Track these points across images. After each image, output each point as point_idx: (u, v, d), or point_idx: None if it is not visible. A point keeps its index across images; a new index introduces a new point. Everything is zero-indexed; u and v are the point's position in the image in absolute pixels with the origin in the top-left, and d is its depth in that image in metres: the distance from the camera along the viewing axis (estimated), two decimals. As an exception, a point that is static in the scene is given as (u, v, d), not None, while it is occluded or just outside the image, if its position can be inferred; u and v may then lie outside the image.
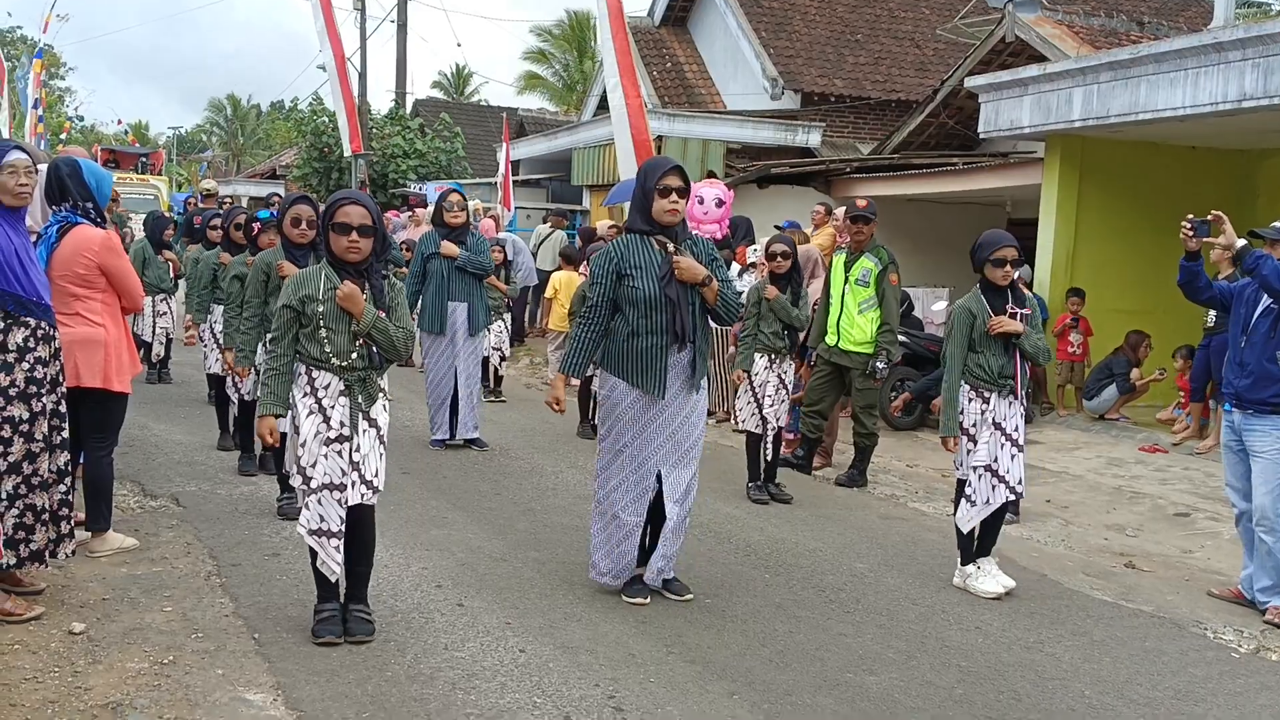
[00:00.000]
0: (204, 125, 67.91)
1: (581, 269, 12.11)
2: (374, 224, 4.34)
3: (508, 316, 11.82)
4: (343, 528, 4.36)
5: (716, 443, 9.64)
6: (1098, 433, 10.48)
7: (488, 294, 8.89)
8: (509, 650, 4.47)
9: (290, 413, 4.37)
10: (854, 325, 7.99)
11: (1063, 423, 10.82)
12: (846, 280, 8.04)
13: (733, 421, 7.71)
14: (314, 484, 4.31)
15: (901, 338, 8.97)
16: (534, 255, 15.16)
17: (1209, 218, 5.72)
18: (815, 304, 8.43)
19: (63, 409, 4.72)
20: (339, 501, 4.33)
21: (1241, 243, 5.68)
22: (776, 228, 11.00)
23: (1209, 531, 7.24)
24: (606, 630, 4.77)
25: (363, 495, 4.38)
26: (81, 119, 51.77)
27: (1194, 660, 4.91)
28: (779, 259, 7.45)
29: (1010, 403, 5.61)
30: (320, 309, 4.30)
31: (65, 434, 4.73)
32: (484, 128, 30.78)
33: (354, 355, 4.34)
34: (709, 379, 10.50)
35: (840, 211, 10.48)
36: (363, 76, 24.38)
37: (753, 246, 10.83)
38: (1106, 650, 4.95)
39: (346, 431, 4.33)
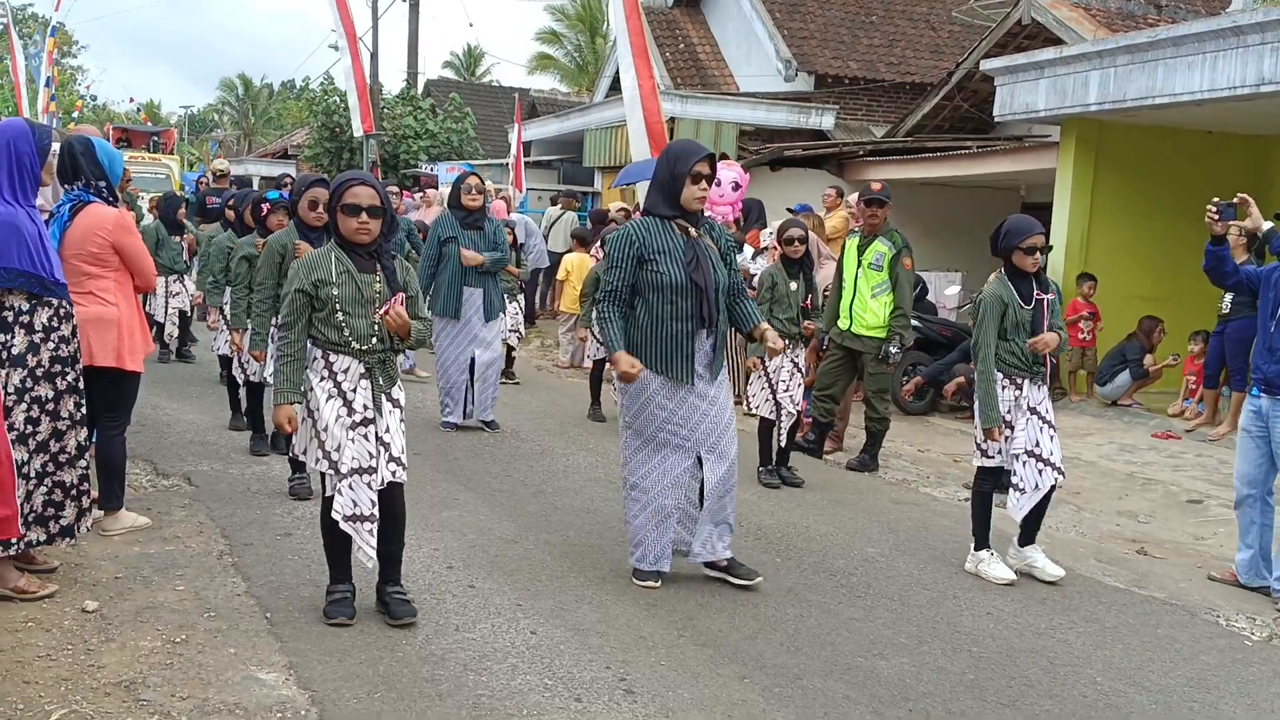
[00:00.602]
0: (215, 105, 67.90)
1: (593, 251, 12.10)
2: (382, 204, 4.32)
3: (521, 299, 11.81)
4: (375, 511, 4.32)
5: (727, 426, 9.63)
6: (1110, 419, 10.45)
7: (501, 278, 8.85)
8: (520, 632, 4.47)
9: (309, 397, 4.33)
10: (867, 309, 7.96)
11: (1075, 408, 10.78)
12: (860, 264, 8.01)
13: (745, 406, 7.71)
14: (343, 469, 4.27)
15: (914, 322, 8.95)
16: (545, 237, 15.14)
17: (1235, 201, 5.68)
18: (826, 290, 8.40)
19: (81, 385, 4.74)
20: (369, 485, 4.30)
21: (1268, 225, 5.64)
22: (789, 211, 10.96)
23: (1221, 519, 7.21)
24: (618, 613, 4.78)
25: (393, 473, 4.36)
26: (94, 98, 51.77)
27: (1206, 648, 4.90)
28: (795, 243, 7.41)
29: (1040, 386, 5.61)
30: (335, 292, 4.26)
31: (85, 410, 4.76)
32: (495, 108, 30.69)
33: (373, 339, 4.31)
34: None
35: (854, 196, 10.44)
36: (375, 57, 24.32)
37: (765, 230, 10.80)
38: (1118, 637, 4.94)
39: (370, 414, 4.31)
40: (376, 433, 4.31)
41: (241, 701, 3.72)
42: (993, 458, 5.63)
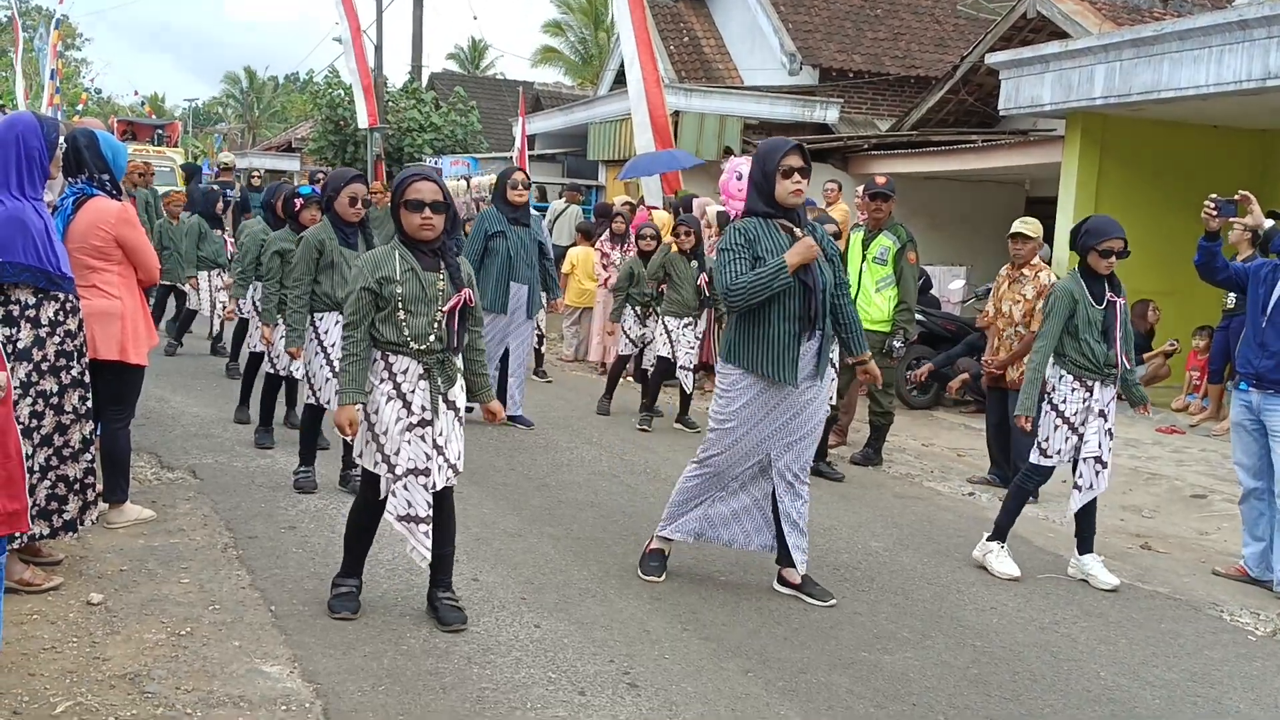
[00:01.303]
0: (220, 98, 67.92)
1: (597, 244, 12.10)
2: (445, 200, 4.24)
3: (543, 295, 11.79)
4: (431, 512, 4.29)
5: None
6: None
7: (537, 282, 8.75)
8: (524, 625, 4.48)
9: (368, 398, 4.28)
10: (871, 304, 7.95)
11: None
12: (864, 258, 8.00)
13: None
14: (399, 470, 4.23)
15: (919, 316, 8.94)
16: (549, 231, 15.12)
17: (1236, 197, 5.67)
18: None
19: (86, 379, 4.75)
20: (425, 486, 4.26)
21: (1270, 223, 5.63)
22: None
23: (1225, 513, 7.20)
24: (622, 607, 4.78)
25: (447, 478, 4.32)
26: (99, 91, 51.81)
27: (1210, 642, 4.90)
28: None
29: (1110, 387, 5.56)
30: (398, 291, 4.19)
31: (90, 403, 4.77)
32: (500, 101, 30.67)
33: (432, 338, 4.23)
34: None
35: (859, 189, 10.44)
36: (379, 50, 24.32)
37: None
38: (1122, 631, 4.94)
39: (428, 415, 4.25)
40: (433, 435, 4.26)
41: (246, 694, 3.73)
42: (1051, 458, 5.55)
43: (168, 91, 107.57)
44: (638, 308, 9.30)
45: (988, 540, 5.70)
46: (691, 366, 8.94)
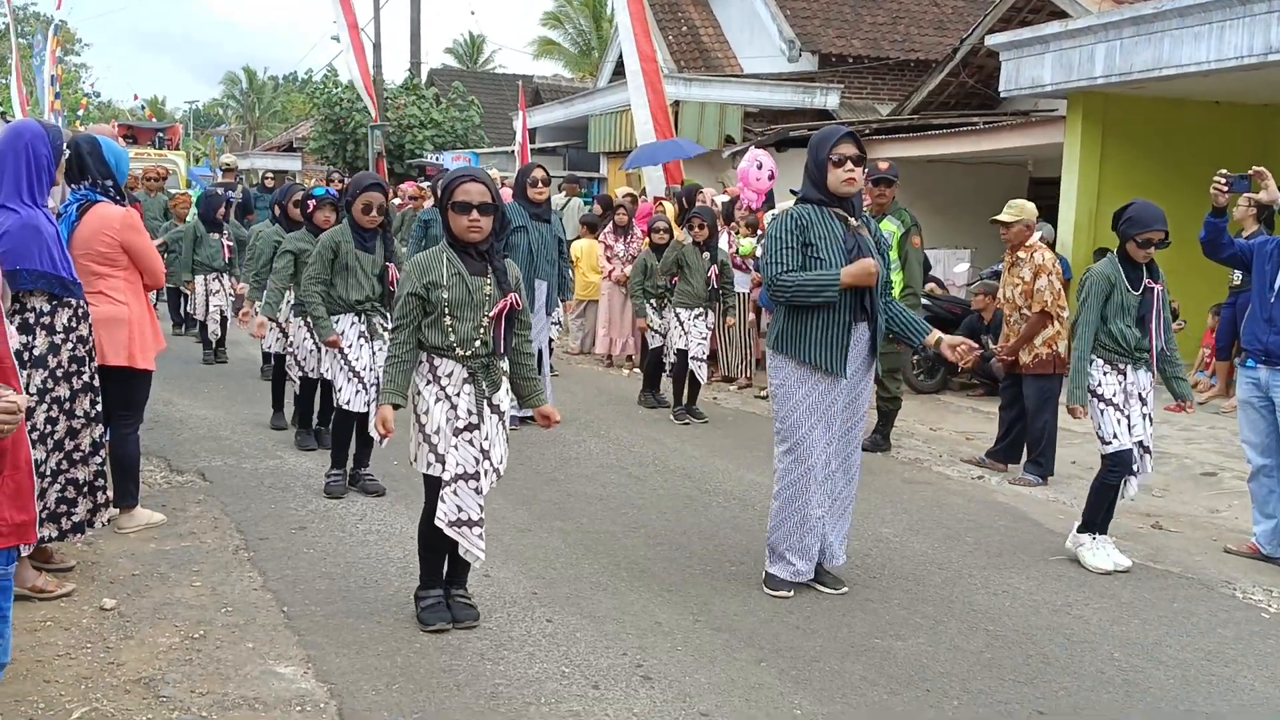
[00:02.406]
0: (220, 99, 67.93)
1: (601, 235, 12.09)
2: (494, 201, 4.16)
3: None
4: (483, 515, 4.26)
5: (738, 409, 9.63)
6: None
7: (555, 277, 8.66)
8: (536, 620, 4.49)
9: (418, 400, 4.24)
10: (876, 289, 7.92)
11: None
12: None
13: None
14: (448, 475, 4.18)
15: (924, 300, 8.92)
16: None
17: (1250, 173, 5.63)
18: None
19: (96, 382, 4.78)
20: (475, 490, 4.21)
21: None
22: (792, 192, 10.93)
23: (1236, 490, 7.18)
24: (633, 599, 4.78)
25: (492, 483, 4.29)
26: (99, 95, 51.84)
27: (1223, 621, 4.89)
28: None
29: (1144, 371, 5.48)
30: (445, 295, 4.13)
31: (100, 407, 4.78)
32: (500, 96, 30.66)
33: (478, 343, 4.18)
34: (730, 344, 10.51)
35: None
36: (377, 47, 24.29)
37: (771, 211, 10.77)
38: (1135, 612, 4.93)
39: (475, 420, 4.21)
40: (480, 439, 4.21)
41: (260, 695, 3.74)
42: (1110, 442, 5.41)
43: (168, 94, 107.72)
44: (653, 300, 9.32)
45: (1078, 533, 5.58)
46: (704, 357, 8.95)
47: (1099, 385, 5.42)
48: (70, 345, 4.62)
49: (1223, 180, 5.62)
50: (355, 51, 21.24)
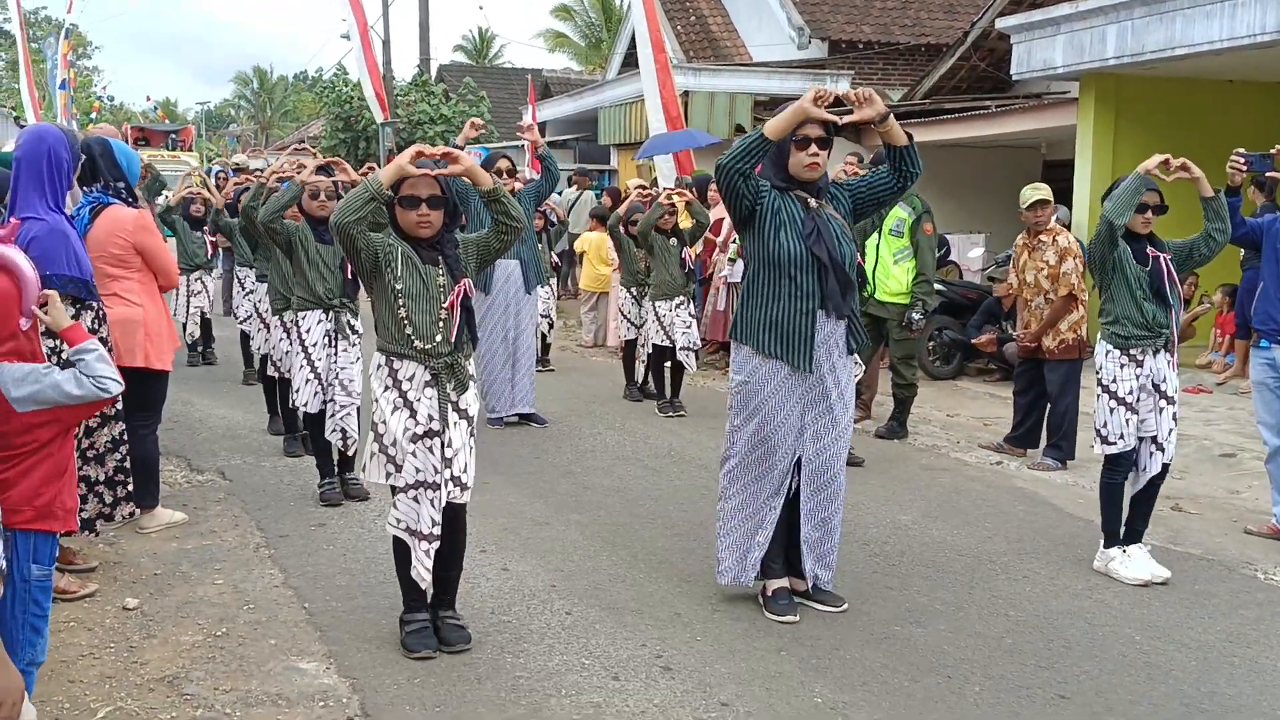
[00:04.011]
0: (231, 99, 68.12)
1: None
2: (443, 193, 3.96)
3: (554, 282, 11.65)
4: (435, 530, 3.99)
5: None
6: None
7: (536, 250, 8.34)
8: (555, 613, 4.50)
9: (374, 408, 4.00)
10: (889, 276, 7.91)
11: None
12: (880, 231, 7.95)
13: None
14: (402, 482, 3.96)
15: (938, 286, 8.89)
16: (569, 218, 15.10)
17: (1273, 151, 5.56)
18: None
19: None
20: (432, 501, 3.97)
21: None
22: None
23: (1255, 471, 7.14)
24: (652, 590, 4.79)
25: (450, 495, 4.00)
26: (111, 98, 52.04)
27: (1245, 602, 4.87)
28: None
29: (1160, 356, 5.10)
30: (398, 286, 3.91)
31: (120, 404, 4.81)
32: (509, 90, 30.63)
33: (438, 338, 3.94)
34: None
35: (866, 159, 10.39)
36: (386, 44, 24.32)
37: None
38: (1156, 595, 4.91)
39: (436, 425, 3.95)
40: (442, 445, 3.97)
41: (284, 691, 3.77)
42: (1114, 443, 5.08)
43: (180, 96, 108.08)
44: (634, 289, 9.26)
45: (1105, 549, 5.21)
46: (694, 346, 8.85)
47: (1113, 381, 5.08)
48: None
49: (1241, 159, 5.56)
50: (364, 49, 21.26)
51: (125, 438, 4.89)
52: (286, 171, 6.62)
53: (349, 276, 5.92)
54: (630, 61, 16.04)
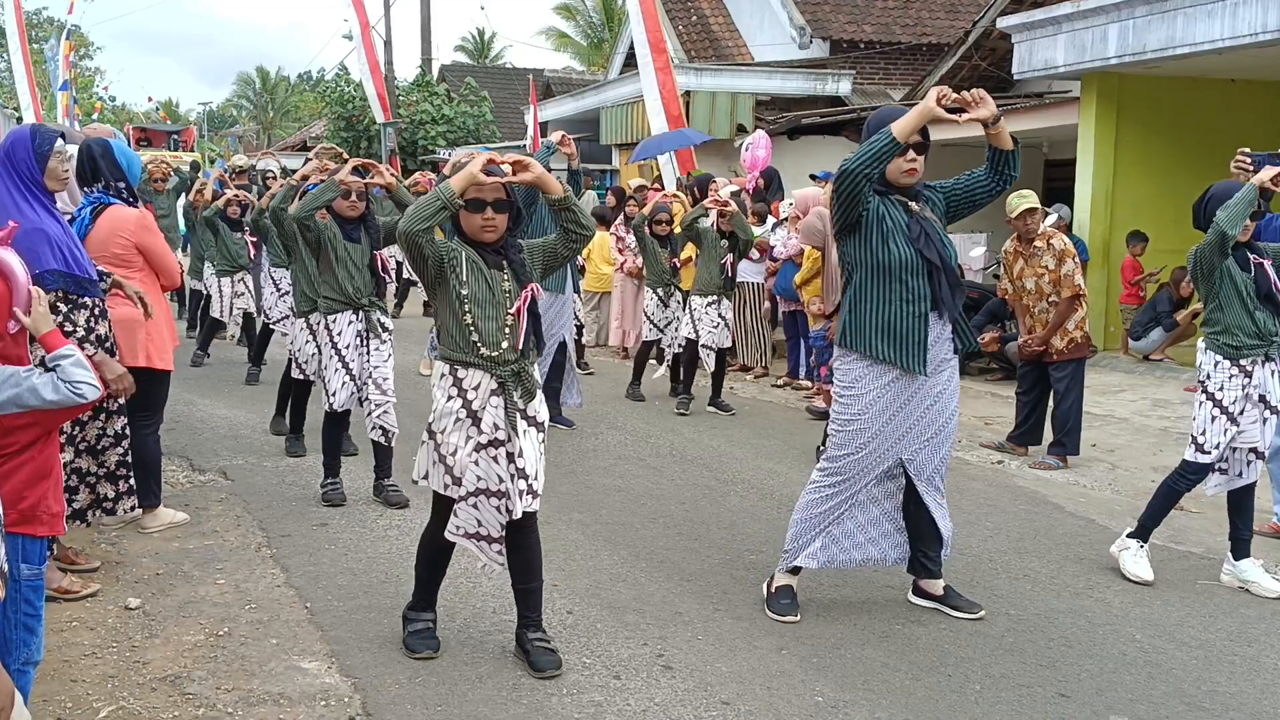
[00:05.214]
0: (233, 100, 68.15)
1: (613, 228, 12.08)
2: (509, 197, 3.85)
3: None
4: (504, 534, 3.89)
5: (755, 398, 9.63)
6: (1142, 374, 10.37)
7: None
8: (557, 612, 4.50)
9: (434, 416, 3.88)
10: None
11: (1108, 365, 10.70)
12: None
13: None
14: (463, 491, 3.84)
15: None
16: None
17: None
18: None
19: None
20: (499, 509, 3.86)
21: None
22: (812, 178, 10.93)
23: (1258, 470, 7.15)
24: (653, 590, 4.80)
25: (527, 504, 3.90)
26: (113, 99, 52.07)
27: (1246, 601, 4.87)
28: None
29: (1273, 369, 5.00)
30: (464, 291, 3.79)
31: (121, 400, 4.82)
32: (510, 90, 30.66)
33: (504, 344, 3.82)
34: (745, 332, 10.48)
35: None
36: (388, 44, 24.35)
37: (786, 200, 10.76)
38: (1157, 593, 4.92)
39: (501, 435, 3.82)
40: (510, 454, 3.84)
41: (285, 691, 3.77)
42: (1209, 453, 4.98)
43: (181, 96, 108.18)
44: (660, 290, 9.27)
45: (1128, 536, 5.19)
46: (716, 346, 8.89)
47: (1220, 389, 4.95)
48: (91, 347, 4.65)
49: (1247, 159, 5.52)
50: (366, 49, 21.30)
51: (127, 432, 4.91)
52: (317, 176, 6.62)
53: (377, 276, 5.96)
54: (632, 61, 16.04)
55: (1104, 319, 11.36)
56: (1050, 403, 7.42)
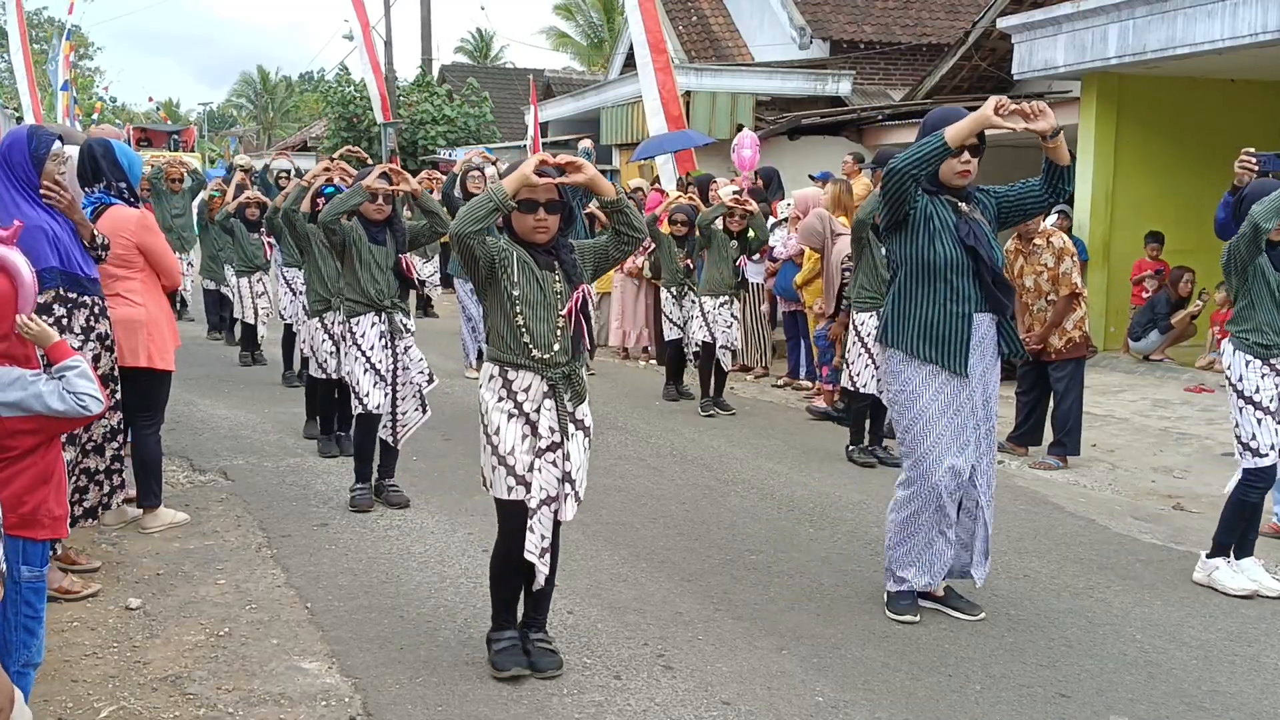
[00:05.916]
0: (234, 100, 68.13)
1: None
2: (561, 198, 3.79)
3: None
4: (547, 544, 3.84)
5: (755, 398, 9.62)
6: (1143, 374, 10.37)
7: None
8: (557, 612, 4.49)
9: (485, 421, 3.82)
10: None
11: (1108, 365, 10.70)
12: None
13: (847, 380, 7.49)
14: (533, 501, 3.78)
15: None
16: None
17: None
18: (845, 261, 8.32)
19: (115, 372, 4.85)
20: (553, 514, 3.85)
21: None
22: (811, 179, 10.93)
23: (1258, 471, 7.15)
24: (653, 590, 4.80)
25: (574, 511, 3.88)
26: (114, 99, 52.08)
27: (1246, 601, 4.86)
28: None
29: None
30: (515, 292, 3.74)
31: (118, 395, 4.86)
32: (511, 90, 30.66)
33: (556, 346, 3.78)
34: (745, 332, 10.49)
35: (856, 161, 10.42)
36: (388, 44, 24.36)
37: (785, 200, 10.77)
38: (1157, 594, 4.92)
39: (558, 438, 3.79)
40: (562, 459, 3.81)
41: (286, 691, 3.78)
42: (1265, 455, 4.85)
43: (182, 96, 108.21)
44: (674, 289, 9.25)
45: (1207, 558, 5.04)
46: (732, 346, 8.87)
47: (1256, 391, 4.87)
48: (92, 346, 4.67)
49: (1253, 159, 5.50)
50: (367, 49, 21.32)
51: (123, 426, 4.93)
52: (324, 178, 6.63)
53: (403, 279, 5.96)
54: (632, 62, 16.05)
55: (1104, 319, 11.36)
56: (1050, 403, 7.42)
